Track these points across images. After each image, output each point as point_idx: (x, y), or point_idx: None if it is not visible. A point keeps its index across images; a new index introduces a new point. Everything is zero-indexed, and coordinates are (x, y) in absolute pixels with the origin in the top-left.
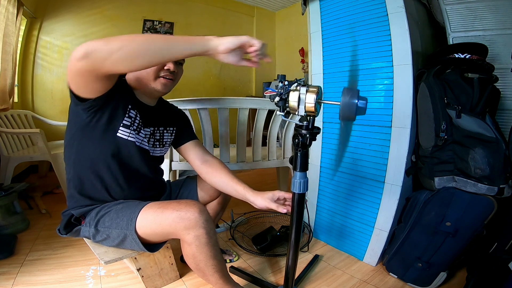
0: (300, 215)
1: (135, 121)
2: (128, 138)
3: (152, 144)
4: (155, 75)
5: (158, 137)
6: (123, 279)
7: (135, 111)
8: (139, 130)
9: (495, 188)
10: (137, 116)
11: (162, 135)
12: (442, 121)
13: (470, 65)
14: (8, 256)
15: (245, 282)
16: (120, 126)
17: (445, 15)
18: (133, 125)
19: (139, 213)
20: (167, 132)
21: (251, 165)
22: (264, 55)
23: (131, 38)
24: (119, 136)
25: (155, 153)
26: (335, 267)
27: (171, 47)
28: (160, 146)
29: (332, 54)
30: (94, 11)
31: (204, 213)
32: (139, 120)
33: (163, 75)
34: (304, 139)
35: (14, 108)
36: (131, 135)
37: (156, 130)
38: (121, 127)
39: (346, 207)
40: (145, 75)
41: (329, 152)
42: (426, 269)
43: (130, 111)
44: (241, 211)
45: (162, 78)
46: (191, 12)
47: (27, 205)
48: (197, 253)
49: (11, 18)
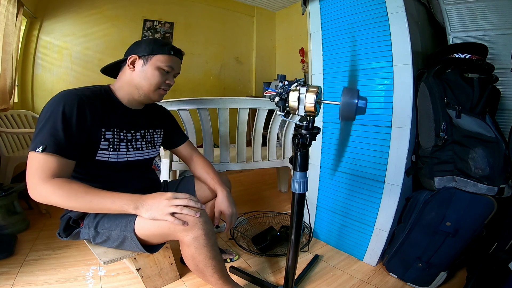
0: (300, 215)
1: (114, 141)
2: (109, 159)
3: (145, 146)
4: (156, 87)
5: (149, 139)
6: (123, 279)
7: (111, 130)
8: (119, 148)
9: (495, 188)
10: (115, 134)
11: (153, 137)
12: (442, 121)
13: (470, 65)
14: (8, 256)
15: (245, 282)
16: (98, 151)
17: (445, 15)
18: (111, 146)
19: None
20: (156, 134)
21: (251, 165)
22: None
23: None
24: (98, 159)
25: (148, 155)
26: (335, 267)
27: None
28: (152, 148)
29: (332, 54)
30: (94, 11)
31: (203, 214)
32: (118, 138)
33: (163, 88)
34: (304, 139)
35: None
36: (112, 155)
37: (147, 133)
38: (100, 150)
39: (346, 207)
40: (146, 85)
41: (329, 152)
42: (426, 269)
43: (106, 133)
44: (241, 211)
45: (162, 90)
46: (191, 12)
47: (27, 205)
48: (196, 254)
49: (11, 18)
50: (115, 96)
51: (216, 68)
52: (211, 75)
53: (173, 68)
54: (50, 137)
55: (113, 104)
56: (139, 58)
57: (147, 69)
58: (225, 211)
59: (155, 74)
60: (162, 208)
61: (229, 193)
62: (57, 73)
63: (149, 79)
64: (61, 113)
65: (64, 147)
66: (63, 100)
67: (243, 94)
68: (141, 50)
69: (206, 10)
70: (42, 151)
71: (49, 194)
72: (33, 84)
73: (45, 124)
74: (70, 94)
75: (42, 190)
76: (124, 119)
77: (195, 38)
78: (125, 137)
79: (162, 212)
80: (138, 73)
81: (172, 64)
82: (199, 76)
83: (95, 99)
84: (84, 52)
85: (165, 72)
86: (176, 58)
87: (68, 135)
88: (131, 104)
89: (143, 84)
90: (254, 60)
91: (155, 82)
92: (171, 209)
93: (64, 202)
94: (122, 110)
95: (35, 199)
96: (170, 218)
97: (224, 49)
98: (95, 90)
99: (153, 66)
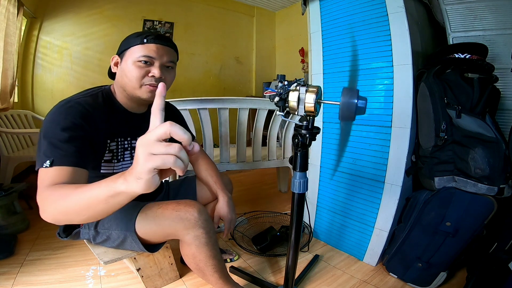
0: (300, 215)
1: (118, 152)
2: (114, 171)
3: None
4: (139, 84)
5: None
6: (123, 279)
7: (116, 140)
8: (123, 157)
9: (495, 188)
10: (119, 145)
11: None
12: (442, 121)
13: (470, 65)
14: (8, 256)
15: (245, 282)
16: (102, 163)
17: (445, 15)
18: (115, 157)
19: (138, 213)
20: None
21: (251, 165)
22: None
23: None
24: (103, 172)
25: None
26: (335, 267)
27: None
28: None
29: (332, 54)
30: (94, 11)
31: (203, 213)
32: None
33: (149, 83)
34: (304, 139)
35: (14, 108)
36: (116, 167)
37: None
38: (104, 163)
39: (346, 207)
40: (128, 83)
41: (329, 152)
42: (426, 269)
43: (111, 145)
44: (241, 211)
45: (148, 86)
46: (191, 12)
47: (27, 205)
48: (197, 253)
49: (12, 18)
50: (116, 100)
51: (216, 68)
52: (211, 75)
53: (153, 57)
54: (55, 150)
55: (115, 110)
56: (119, 57)
57: (124, 66)
58: (224, 216)
59: (131, 68)
60: (142, 165)
61: (230, 199)
62: (57, 73)
63: (127, 76)
64: (65, 125)
65: (73, 156)
66: (66, 111)
67: (243, 94)
68: (119, 48)
69: (206, 10)
70: (50, 165)
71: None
72: (33, 84)
73: (48, 137)
74: (73, 104)
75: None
76: (127, 126)
77: (195, 38)
78: (129, 145)
79: (142, 171)
80: (119, 73)
81: (149, 53)
82: (199, 76)
83: (98, 108)
84: (84, 52)
85: (143, 64)
86: (154, 46)
87: (75, 145)
88: (132, 107)
89: (126, 82)
90: (254, 60)
91: (134, 77)
92: (150, 164)
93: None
94: (124, 115)
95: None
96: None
97: (224, 49)
98: (96, 96)
99: (128, 61)
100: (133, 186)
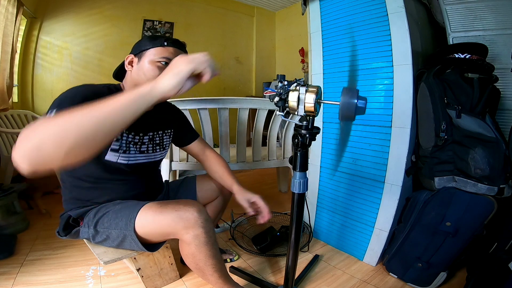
0: (300, 215)
1: (123, 142)
2: (118, 161)
3: (152, 149)
4: None
5: (158, 141)
6: (123, 279)
7: (122, 133)
8: (129, 149)
9: (495, 188)
10: (124, 136)
11: (162, 139)
12: (442, 121)
13: (470, 65)
14: (8, 256)
15: (245, 282)
16: (108, 151)
17: (445, 15)
18: (121, 147)
19: (137, 213)
20: (165, 135)
21: (251, 165)
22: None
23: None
24: (107, 159)
25: (156, 157)
26: (335, 267)
27: (107, 121)
28: (160, 150)
29: (332, 54)
30: (94, 11)
31: (203, 212)
32: (127, 140)
33: None
34: (303, 139)
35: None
36: (121, 157)
37: (155, 135)
38: (110, 151)
39: (346, 207)
40: (145, 80)
41: (329, 152)
42: (426, 269)
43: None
44: (241, 211)
45: None
46: (191, 12)
47: (27, 205)
48: (196, 253)
49: (11, 18)
50: None
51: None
52: None
53: (170, 59)
54: (63, 108)
55: None
56: (135, 56)
57: (142, 65)
58: (252, 197)
59: (150, 68)
60: (185, 65)
61: None
62: (57, 73)
63: (145, 74)
64: (81, 93)
65: None
66: (77, 89)
67: (243, 94)
68: (136, 48)
69: (206, 10)
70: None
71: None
72: (33, 84)
73: (55, 105)
74: (86, 85)
75: None
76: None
77: (195, 38)
78: (132, 139)
79: (184, 69)
80: (135, 71)
81: (168, 55)
82: None
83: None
84: (84, 52)
85: (162, 65)
86: (172, 49)
87: None
88: None
89: (142, 79)
90: (254, 60)
91: (152, 76)
92: (192, 65)
93: (51, 126)
94: None
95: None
96: (185, 80)
97: (224, 49)
98: (109, 87)
99: (147, 61)
100: (164, 83)
